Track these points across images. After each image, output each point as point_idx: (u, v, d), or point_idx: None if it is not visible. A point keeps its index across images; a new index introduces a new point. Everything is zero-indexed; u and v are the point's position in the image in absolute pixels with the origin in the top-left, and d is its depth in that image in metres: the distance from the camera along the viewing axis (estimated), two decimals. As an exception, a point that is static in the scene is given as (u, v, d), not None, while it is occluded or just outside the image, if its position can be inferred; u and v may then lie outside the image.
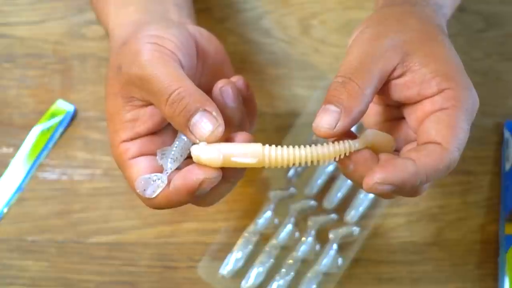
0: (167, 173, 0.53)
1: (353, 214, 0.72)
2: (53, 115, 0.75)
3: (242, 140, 0.52)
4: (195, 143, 0.51)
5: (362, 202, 0.72)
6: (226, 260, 0.71)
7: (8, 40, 0.77)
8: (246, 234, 0.71)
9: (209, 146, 0.50)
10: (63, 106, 0.75)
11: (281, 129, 0.75)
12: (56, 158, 0.74)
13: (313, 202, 0.72)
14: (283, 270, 0.70)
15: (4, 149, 0.75)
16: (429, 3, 0.57)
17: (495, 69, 0.76)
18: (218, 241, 0.72)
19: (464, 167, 0.74)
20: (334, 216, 0.72)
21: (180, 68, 0.53)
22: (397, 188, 0.48)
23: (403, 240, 0.73)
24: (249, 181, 0.73)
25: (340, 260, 0.71)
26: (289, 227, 0.71)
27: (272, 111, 0.76)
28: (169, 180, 0.52)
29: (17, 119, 0.75)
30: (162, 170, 0.53)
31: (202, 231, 0.72)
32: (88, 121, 0.75)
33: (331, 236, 0.71)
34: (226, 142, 0.51)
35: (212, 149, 0.50)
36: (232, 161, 0.50)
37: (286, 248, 0.71)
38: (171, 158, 0.53)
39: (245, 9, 0.78)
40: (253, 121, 0.62)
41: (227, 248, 0.71)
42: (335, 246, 0.71)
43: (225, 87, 0.56)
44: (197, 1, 0.67)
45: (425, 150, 0.49)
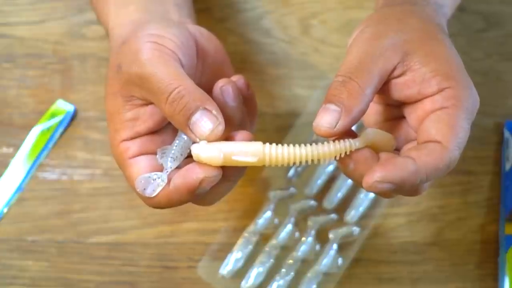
0: (167, 172, 0.52)
1: (353, 214, 0.72)
2: (53, 115, 0.75)
3: (243, 139, 0.52)
4: (195, 142, 0.51)
5: (362, 202, 0.72)
6: (226, 260, 0.71)
7: (8, 40, 0.77)
8: (246, 234, 0.71)
9: (210, 145, 0.50)
10: (63, 106, 0.75)
11: (281, 129, 0.75)
12: (56, 158, 0.74)
13: (313, 202, 0.72)
14: (283, 270, 0.70)
15: (4, 149, 0.75)
16: (429, 3, 0.57)
17: (495, 69, 0.76)
18: (218, 241, 0.72)
19: (464, 167, 0.74)
20: (334, 216, 0.72)
21: (181, 67, 0.53)
22: (397, 187, 0.48)
23: (403, 240, 0.73)
24: (249, 181, 0.73)
25: (340, 260, 0.71)
26: (289, 227, 0.71)
27: (272, 111, 0.76)
28: (169, 179, 0.52)
29: (17, 119, 0.75)
30: (162, 169, 0.53)
31: (202, 231, 0.72)
32: (88, 121, 0.75)
33: (331, 236, 0.71)
34: (226, 141, 0.51)
35: (213, 148, 0.50)
36: (233, 160, 0.50)
37: (286, 248, 0.71)
38: (171, 157, 0.53)
39: (245, 9, 0.78)
40: (254, 121, 0.62)
41: (227, 248, 0.71)
42: (335, 246, 0.71)
43: (226, 86, 0.56)
44: (197, 1, 0.67)
45: (425, 149, 0.49)
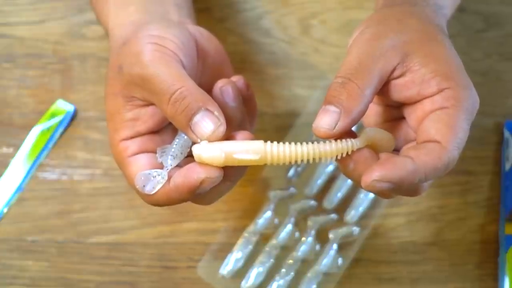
0: (168, 170, 0.52)
1: (353, 214, 0.72)
2: (53, 115, 0.75)
3: (243, 138, 0.52)
4: (196, 143, 0.51)
5: (362, 202, 0.72)
6: (226, 260, 0.71)
7: (8, 40, 0.77)
8: (246, 234, 0.71)
9: (211, 145, 0.50)
10: (63, 106, 0.75)
11: (281, 129, 0.75)
12: (56, 158, 0.74)
13: (313, 202, 0.72)
14: (283, 270, 0.70)
15: (4, 149, 0.75)
16: (429, 3, 0.57)
17: (495, 69, 0.76)
18: (218, 241, 0.72)
19: (464, 167, 0.74)
20: (334, 216, 0.72)
21: (182, 68, 0.53)
22: (396, 186, 0.48)
23: (403, 240, 0.73)
24: (249, 181, 0.73)
25: (340, 260, 0.71)
26: (289, 227, 0.71)
27: (272, 111, 0.76)
28: (169, 177, 0.52)
29: (17, 119, 0.75)
30: (162, 167, 0.53)
31: (202, 231, 0.72)
32: (88, 121, 0.75)
33: (331, 236, 0.71)
34: (227, 141, 0.51)
35: (214, 147, 0.50)
36: (234, 159, 0.50)
37: (286, 248, 0.71)
38: (171, 155, 0.53)
39: (245, 9, 0.78)
40: (254, 121, 0.62)
41: (227, 248, 0.71)
42: (335, 246, 0.71)
43: (226, 87, 0.56)
44: (197, 1, 0.67)
45: (424, 149, 0.49)
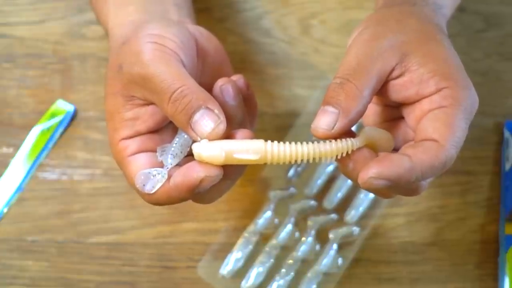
0: (168, 169, 0.52)
1: (353, 214, 0.72)
2: (53, 115, 0.75)
3: (243, 137, 0.52)
4: (196, 141, 0.51)
5: (362, 202, 0.72)
6: (226, 260, 0.71)
7: (8, 40, 0.77)
8: (246, 234, 0.71)
9: (211, 143, 0.50)
10: (63, 106, 0.75)
11: (281, 129, 0.75)
12: (56, 158, 0.74)
13: (313, 202, 0.72)
14: (283, 270, 0.70)
15: (4, 149, 0.75)
16: (428, 3, 0.57)
17: (495, 69, 0.76)
18: (218, 241, 0.72)
19: (464, 167, 0.74)
20: (334, 216, 0.72)
21: (183, 67, 0.54)
22: (393, 184, 0.48)
23: (403, 240, 0.73)
24: (249, 181, 0.73)
25: (340, 260, 0.71)
26: (289, 227, 0.71)
27: (272, 111, 0.76)
28: (169, 176, 0.52)
29: (17, 119, 0.75)
30: (162, 166, 0.53)
31: (202, 231, 0.72)
32: (88, 121, 0.75)
33: (331, 236, 0.71)
34: (227, 139, 0.51)
35: (214, 146, 0.50)
36: (234, 158, 0.50)
37: (286, 248, 0.71)
38: (171, 154, 0.53)
39: (245, 9, 0.78)
40: (254, 121, 0.62)
41: (227, 248, 0.71)
42: (335, 246, 0.71)
43: (226, 86, 0.56)
44: (197, 1, 0.67)
45: (422, 147, 0.49)
